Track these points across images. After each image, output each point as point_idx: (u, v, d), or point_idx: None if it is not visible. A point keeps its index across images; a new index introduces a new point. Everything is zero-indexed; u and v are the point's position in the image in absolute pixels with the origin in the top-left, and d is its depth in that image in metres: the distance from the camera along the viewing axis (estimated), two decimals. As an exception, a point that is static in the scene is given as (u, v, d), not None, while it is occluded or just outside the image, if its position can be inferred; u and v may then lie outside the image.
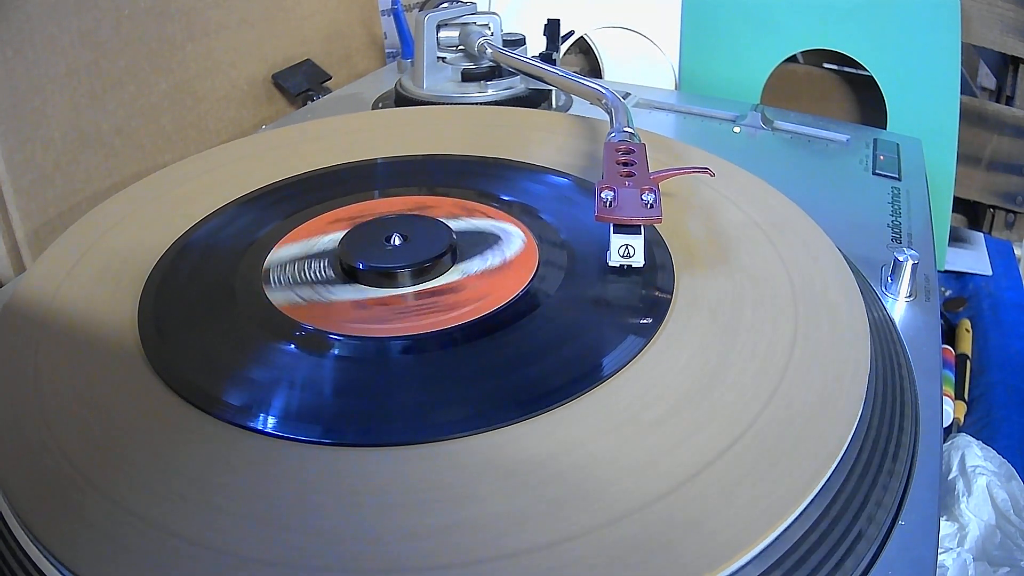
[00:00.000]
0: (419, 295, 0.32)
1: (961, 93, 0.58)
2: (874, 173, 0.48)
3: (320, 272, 0.33)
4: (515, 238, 0.35)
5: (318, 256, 0.34)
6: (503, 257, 0.34)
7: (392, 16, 0.71)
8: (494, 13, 0.57)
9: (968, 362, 0.56)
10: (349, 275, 0.33)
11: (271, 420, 0.25)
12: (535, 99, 0.56)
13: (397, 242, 0.33)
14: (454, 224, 0.35)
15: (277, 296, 0.32)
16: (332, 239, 0.35)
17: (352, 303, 0.31)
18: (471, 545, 0.21)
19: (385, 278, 0.32)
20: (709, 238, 0.35)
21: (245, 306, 0.31)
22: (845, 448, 0.24)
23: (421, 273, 0.32)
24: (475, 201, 0.38)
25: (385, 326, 0.30)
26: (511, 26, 0.61)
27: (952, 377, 0.54)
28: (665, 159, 0.40)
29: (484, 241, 0.35)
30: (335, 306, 0.31)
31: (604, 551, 0.21)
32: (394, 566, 0.21)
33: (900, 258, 0.35)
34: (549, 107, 0.57)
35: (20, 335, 0.30)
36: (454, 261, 0.33)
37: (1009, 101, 0.64)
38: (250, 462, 0.24)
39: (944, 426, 0.31)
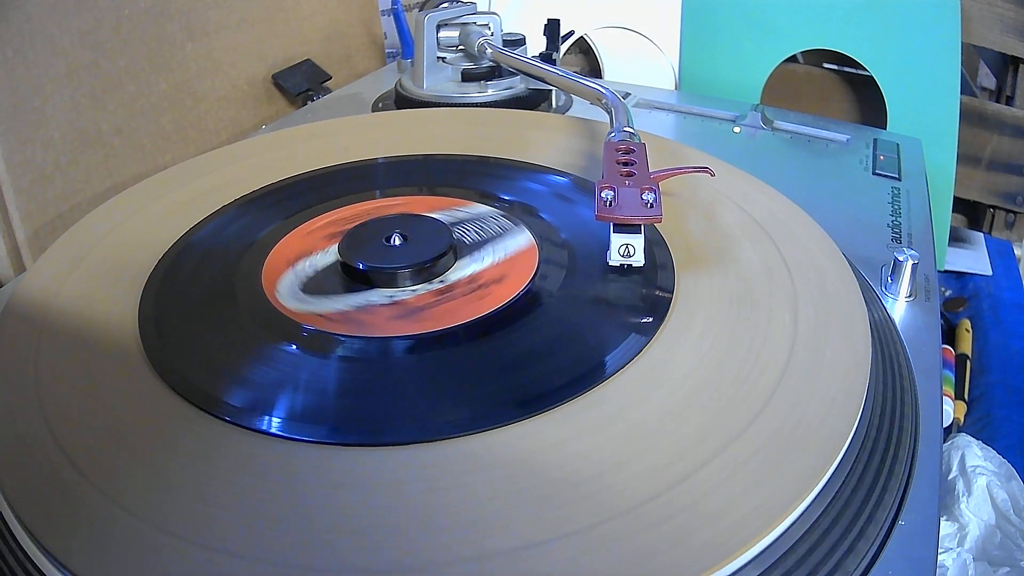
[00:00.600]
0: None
1: (961, 93, 0.58)
2: (874, 173, 0.48)
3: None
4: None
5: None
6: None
7: (392, 16, 0.71)
8: (494, 13, 0.57)
9: (968, 362, 0.56)
10: (351, 276, 0.33)
11: (271, 420, 0.25)
12: (535, 99, 0.56)
13: (397, 242, 0.33)
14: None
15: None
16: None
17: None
18: (470, 544, 0.21)
19: (386, 278, 0.32)
20: (710, 237, 0.35)
21: (245, 306, 0.31)
22: (845, 448, 0.24)
23: (422, 272, 0.32)
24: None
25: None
26: (511, 26, 0.61)
27: (952, 377, 0.54)
28: (665, 160, 0.40)
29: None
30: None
31: (603, 550, 0.21)
32: (392, 565, 0.21)
33: (900, 258, 0.35)
34: (549, 107, 0.57)
35: (20, 335, 0.30)
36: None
37: (1009, 101, 0.64)
38: (249, 462, 0.24)
39: (944, 426, 0.31)
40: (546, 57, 0.55)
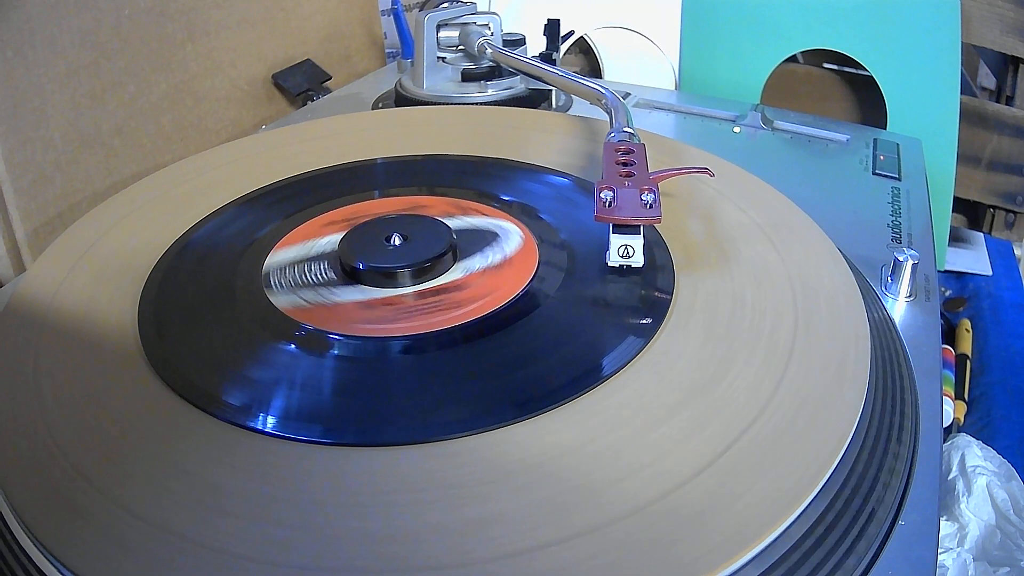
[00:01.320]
0: (421, 295, 0.32)
1: (961, 93, 0.58)
2: (874, 173, 0.48)
3: (321, 274, 0.33)
4: (513, 235, 0.35)
5: (318, 258, 0.34)
6: (503, 254, 0.34)
7: (392, 16, 0.71)
8: (494, 13, 0.57)
9: (968, 362, 0.56)
10: (351, 276, 0.33)
11: (271, 420, 0.25)
12: (535, 99, 0.56)
13: (397, 242, 0.33)
14: (451, 223, 0.35)
15: (280, 300, 0.32)
16: (330, 241, 0.35)
17: (356, 304, 0.31)
18: (470, 545, 0.21)
19: (386, 278, 0.32)
20: (709, 238, 0.35)
21: (245, 306, 0.31)
22: (845, 448, 0.24)
23: (422, 273, 0.32)
24: (475, 201, 0.38)
25: (386, 326, 0.30)
26: (511, 26, 0.61)
27: (952, 377, 0.54)
28: (665, 159, 0.40)
29: (483, 239, 0.35)
30: (339, 308, 0.31)
31: (603, 551, 0.21)
32: (393, 566, 0.21)
33: (900, 258, 0.35)
34: (549, 107, 0.57)
35: (20, 335, 0.30)
36: (455, 260, 0.33)
37: (1009, 101, 0.63)
38: (250, 462, 0.24)
39: (944, 426, 0.31)
40: (546, 57, 0.55)
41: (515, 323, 0.30)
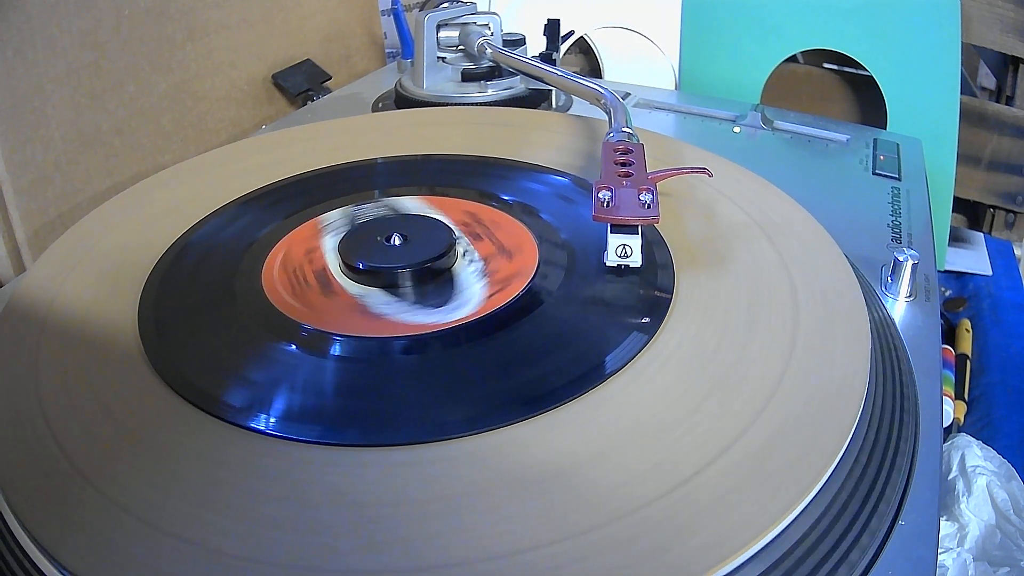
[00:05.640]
0: (321, 280, 0.33)
1: (961, 93, 0.58)
2: (874, 173, 0.48)
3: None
4: (455, 310, 0.31)
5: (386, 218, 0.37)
6: (397, 318, 0.30)
7: (392, 16, 0.71)
8: (494, 13, 0.57)
9: (968, 362, 0.56)
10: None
11: (271, 420, 0.25)
12: (535, 99, 0.56)
13: (396, 241, 0.34)
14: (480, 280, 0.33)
15: (325, 215, 0.37)
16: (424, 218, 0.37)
17: (305, 251, 0.34)
18: (470, 545, 0.21)
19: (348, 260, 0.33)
20: (709, 238, 0.35)
21: (245, 306, 0.31)
22: (845, 448, 0.24)
23: (354, 272, 0.33)
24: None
25: (271, 283, 0.31)
26: (511, 26, 0.61)
27: (952, 377, 0.54)
28: (666, 158, 0.40)
29: (438, 294, 0.32)
30: (295, 243, 0.35)
31: (603, 551, 0.21)
32: (392, 566, 0.21)
33: (900, 258, 0.35)
34: (549, 107, 0.57)
35: (20, 335, 0.30)
36: (396, 287, 0.32)
37: (1009, 101, 0.64)
38: (249, 462, 0.24)
39: (944, 426, 0.31)
40: (546, 57, 0.55)
41: (515, 323, 0.30)
